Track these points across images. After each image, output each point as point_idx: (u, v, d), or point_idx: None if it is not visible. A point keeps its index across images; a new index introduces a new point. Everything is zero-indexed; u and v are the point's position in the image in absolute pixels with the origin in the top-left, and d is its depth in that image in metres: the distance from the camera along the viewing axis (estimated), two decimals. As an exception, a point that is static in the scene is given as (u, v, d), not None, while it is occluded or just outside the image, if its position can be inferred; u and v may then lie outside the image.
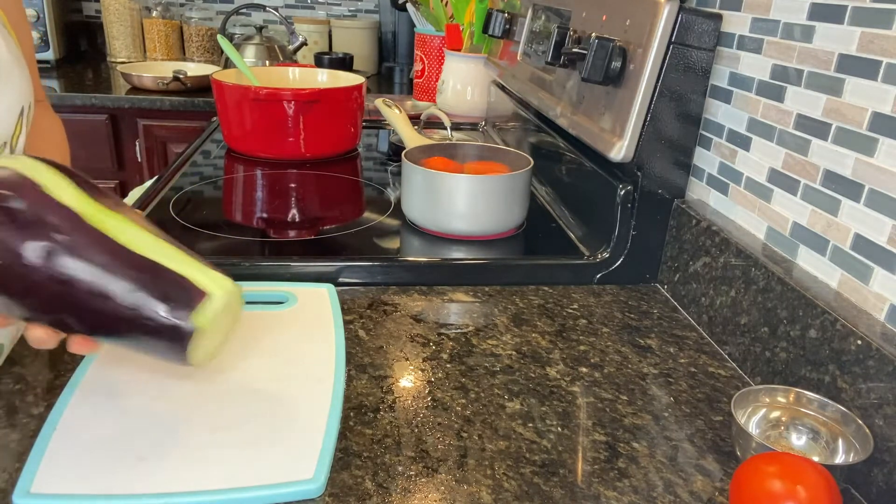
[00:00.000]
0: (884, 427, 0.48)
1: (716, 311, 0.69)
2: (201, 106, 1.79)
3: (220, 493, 0.44)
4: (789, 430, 0.52)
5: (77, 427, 0.49)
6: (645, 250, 0.80)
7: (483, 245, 0.85)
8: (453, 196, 0.84)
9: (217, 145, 1.27)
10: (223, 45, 1.30)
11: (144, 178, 1.84)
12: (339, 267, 0.75)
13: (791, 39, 0.64)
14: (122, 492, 0.43)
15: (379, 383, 0.58)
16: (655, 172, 0.77)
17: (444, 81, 1.56)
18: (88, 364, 0.56)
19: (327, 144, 1.21)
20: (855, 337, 0.51)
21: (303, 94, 1.14)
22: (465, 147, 0.96)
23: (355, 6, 2.43)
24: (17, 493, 0.43)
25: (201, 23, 2.29)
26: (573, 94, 0.88)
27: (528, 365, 0.63)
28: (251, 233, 0.88)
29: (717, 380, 0.63)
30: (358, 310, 0.70)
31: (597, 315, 0.73)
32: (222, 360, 0.57)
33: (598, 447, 0.52)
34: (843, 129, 0.57)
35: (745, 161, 0.71)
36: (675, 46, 0.71)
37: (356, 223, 0.92)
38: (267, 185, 1.08)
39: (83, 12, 2.36)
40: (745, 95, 0.71)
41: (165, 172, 1.08)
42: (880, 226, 0.53)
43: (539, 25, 1.07)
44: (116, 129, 1.82)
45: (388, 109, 1.17)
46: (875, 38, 0.54)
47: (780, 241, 0.65)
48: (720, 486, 0.49)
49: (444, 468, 0.49)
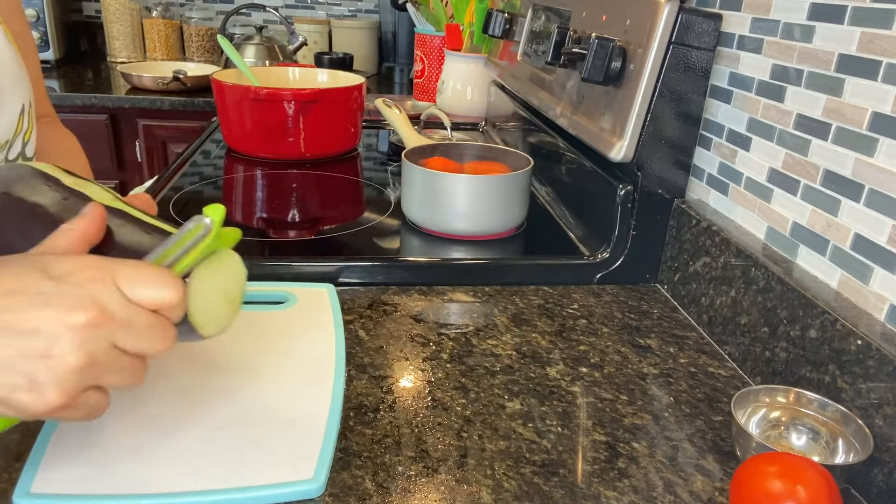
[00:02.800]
0: (884, 427, 0.48)
1: (716, 311, 0.69)
2: (201, 106, 1.79)
3: (221, 492, 0.44)
4: (789, 430, 0.52)
5: (77, 427, 0.49)
6: (645, 250, 0.80)
7: (483, 245, 0.85)
8: (453, 196, 0.84)
9: (217, 145, 1.27)
10: (223, 45, 1.31)
11: (144, 178, 1.84)
12: (339, 267, 0.75)
13: (791, 39, 0.64)
14: (122, 492, 0.43)
15: (379, 383, 0.58)
16: (655, 172, 0.77)
17: (444, 81, 1.56)
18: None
19: (327, 144, 1.21)
20: (855, 337, 0.51)
21: (303, 94, 1.14)
22: (465, 147, 0.96)
23: (355, 6, 2.43)
24: (17, 493, 0.43)
25: (201, 23, 2.29)
26: (573, 94, 0.89)
27: (528, 365, 0.63)
28: (251, 233, 0.88)
29: (717, 380, 0.63)
30: (358, 310, 0.70)
31: (597, 315, 0.73)
32: (223, 360, 0.58)
33: (598, 447, 0.52)
34: (843, 129, 0.57)
35: (745, 161, 0.71)
36: (675, 46, 0.71)
37: (356, 223, 0.92)
38: (267, 185, 1.08)
39: (83, 12, 2.36)
40: (745, 95, 0.71)
41: (165, 172, 1.08)
42: (880, 226, 0.53)
43: (539, 25, 1.07)
44: (116, 129, 1.82)
45: (388, 109, 1.17)
46: (875, 38, 0.54)
47: (780, 241, 0.65)
48: (720, 486, 0.49)
49: (444, 468, 0.49)
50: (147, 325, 0.39)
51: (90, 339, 0.36)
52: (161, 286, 0.39)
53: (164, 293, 0.39)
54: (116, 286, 0.38)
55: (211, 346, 0.60)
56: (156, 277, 0.39)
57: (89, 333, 0.36)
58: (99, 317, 0.36)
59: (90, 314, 0.36)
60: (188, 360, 0.57)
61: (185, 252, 0.41)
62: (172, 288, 0.39)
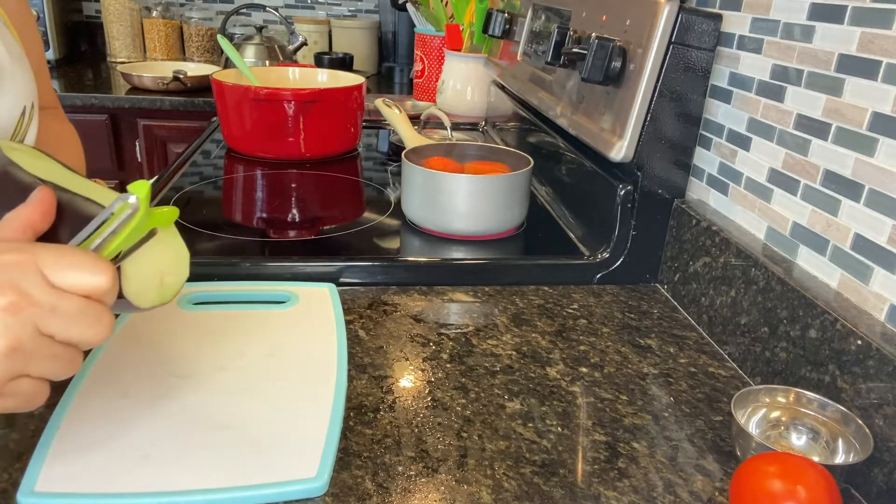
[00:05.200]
0: (884, 427, 0.48)
1: (716, 311, 0.69)
2: (201, 106, 1.79)
3: (224, 491, 0.44)
4: (789, 430, 0.52)
5: (80, 425, 0.49)
6: (645, 250, 0.80)
7: (483, 245, 0.86)
8: (453, 196, 0.84)
9: (217, 145, 1.27)
10: (223, 45, 1.31)
11: (144, 178, 1.83)
12: (339, 267, 0.75)
13: (791, 39, 0.64)
14: (126, 490, 0.43)
15: (379, 383, 0.58)
16: (655, 172, 0.77)
17: (444, 81, 1.56)
18: (90, 364, 0.56)
19: (327, 144, 1.21)
20: (855, 337, 0.51)
21: (303, 94, 1.14)
22: (465, 147, 0.96)
23: (355, 6, 2.43)
24: (21, 492, 0.43)
25: (201, 23, 2.29)
26: (573, 94, 0.89)
27: (528, 365, 0.63)
28: (251, 233, 0.88)
29: (717, 380, 0.63)
30: (358, 310, 0.70)
31: (597, 315, 0.73)
32: (223, 360, 0.58)
33: (598, 447, 0.52)
34: (843, 129, 0.57)
35: (745, 161, 0.71)
36: (675, 46, 0.71)
37: (356, 223, 0.92)
38: (267, 185, 1.08)
39: (83, 12, 2.36)
40: (745, 95, 0.71)
41: (165, 172, 1.08)
42: (880, 226, 0.53)
43: (539, 25, 1.07)
44: (116, 129, 1.82)
45: (388, 109, 1.17)
46: (875, 38, 0.54)
47: (780, 241, 0.65)
48: (720, 486, 0.49)
49: (444, 468, 0.49)
50: (76, 311, 0.37)
51: (12, 325, 0.35)
52: (89, 270, 0.37)
53: (92, 278, 0.37)
54: (40, 271, 0.36)
55: (214, 344, 0.60)
56: (82, 262, 0.37)
57: (10, 318, 0.35)
58: (19, 301, 0.35)
59: (9, 298, 0.35)
60: (190, 359, 0.58)
61: (113, 233, 0.39)
62: (101, 272, 0.38)
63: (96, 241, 0.39)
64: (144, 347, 0.59)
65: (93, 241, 0.39)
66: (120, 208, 0.39)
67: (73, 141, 0.80)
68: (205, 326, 0.63)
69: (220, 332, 0.62)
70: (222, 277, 0.73)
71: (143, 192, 0.40)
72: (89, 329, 0.38)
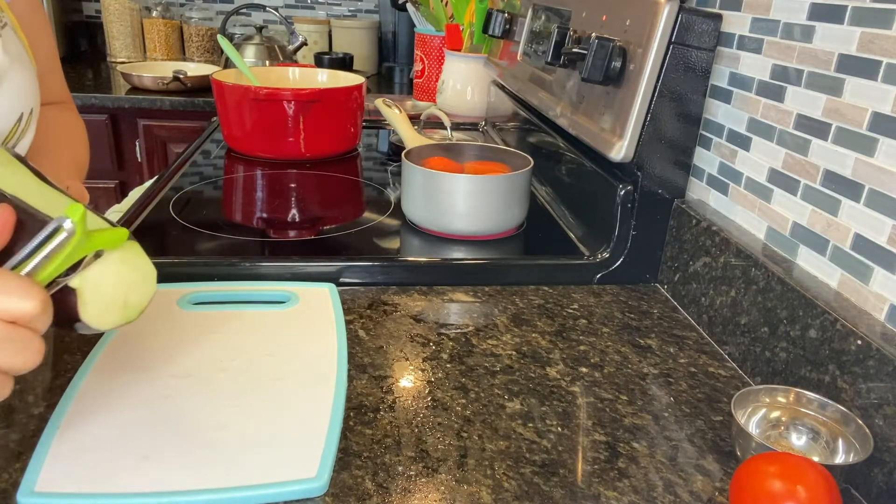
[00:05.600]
0: (884, 427, 0.48)
1: (716, 311, 0.69)
2: (201, 106, 1.79)
3: (224, 491, 0.44)
4: (789, 430, 0.52)
5: (80, 426, 0.49)
6: (645, 250, 0.80)
7: (483, 245, 0.86)
8: (453, 196, 0.84)
9: (217, 145, 1.27)
10: (223, 45, 1.31)
11: (144, 178, 1.84)
12: (339, 267, 0.75)
13: (791, 39, 0.64)
14: (126, 490, 0.43)
15: (379, 383, 0.58)
16: (655, 172, 0.77)
17: (444, 81, 1.56)
18: (90, 364, 0.56)
19: (327, 144, 1.21)
20: (855, 337, 0.51)
21: (303, 94, 1.14)
22: (465, 147, 0.96)
23: (355, 6, 2.43)
24: (21, 492, 0.43)
25: (201, 23, 2.29)
26: (573, 94, 0.89)
27: (528, 365, 0.63)
28: (251, 233, 0.88)
29: (717, 380, 0.63)
30: (358, 310, 0.70)
31: (597, 315, 0.73)
32: (226, 359, 0.58)
33: (598, 447, 0.52)
34: (843, 129, 0.57)
35: (745, 161, 0.71)
36: (675, 46, 0.71)
37: (356, 223, 0.92)
38: (267, 185, 1.08)
39: (83, 12, 2.36)
40: (745, 95, 0.71)
41: (165, 172, 1.08)
42: (880, 226, 0.53)
43: (539, 25, 1.07)
44: (116, 129, 1.82)
45: (388, 109, 1.17)
46: (875, 38, 0.54)
47: (780, 241, 0.65)
48: (720, 486, 0.49)
49: (444, 468, 0.49)
50: (2, 337, 0.36)
51: None
52: (16, 295, 0.35)
53: (18, 303, 0.35)
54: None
55: (214, 344, 0.60)
56: (10, 287, 0.36)
57: None
58: None
59: None
60: (190, 359, 0.58)
61: (47, 258, 0.38)
62: (30, 298, 0.36)
63: (30, 264, 0.38)
64: (144, 347, 0.59)
65: (27, 264, 0.38)
66: (54, 232, 0.38)
67: (81, 135, 0.81)
68: (204, 326, 0.63)
69: (220, 332, 0.62)
70: (222, 277, 0.73)
71: (77, 215, 0.38)
72: (15, 356, 0.36)
